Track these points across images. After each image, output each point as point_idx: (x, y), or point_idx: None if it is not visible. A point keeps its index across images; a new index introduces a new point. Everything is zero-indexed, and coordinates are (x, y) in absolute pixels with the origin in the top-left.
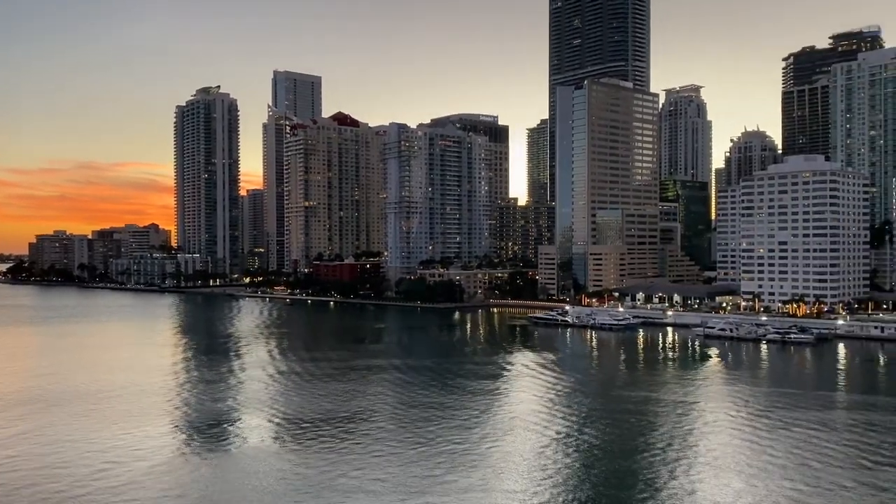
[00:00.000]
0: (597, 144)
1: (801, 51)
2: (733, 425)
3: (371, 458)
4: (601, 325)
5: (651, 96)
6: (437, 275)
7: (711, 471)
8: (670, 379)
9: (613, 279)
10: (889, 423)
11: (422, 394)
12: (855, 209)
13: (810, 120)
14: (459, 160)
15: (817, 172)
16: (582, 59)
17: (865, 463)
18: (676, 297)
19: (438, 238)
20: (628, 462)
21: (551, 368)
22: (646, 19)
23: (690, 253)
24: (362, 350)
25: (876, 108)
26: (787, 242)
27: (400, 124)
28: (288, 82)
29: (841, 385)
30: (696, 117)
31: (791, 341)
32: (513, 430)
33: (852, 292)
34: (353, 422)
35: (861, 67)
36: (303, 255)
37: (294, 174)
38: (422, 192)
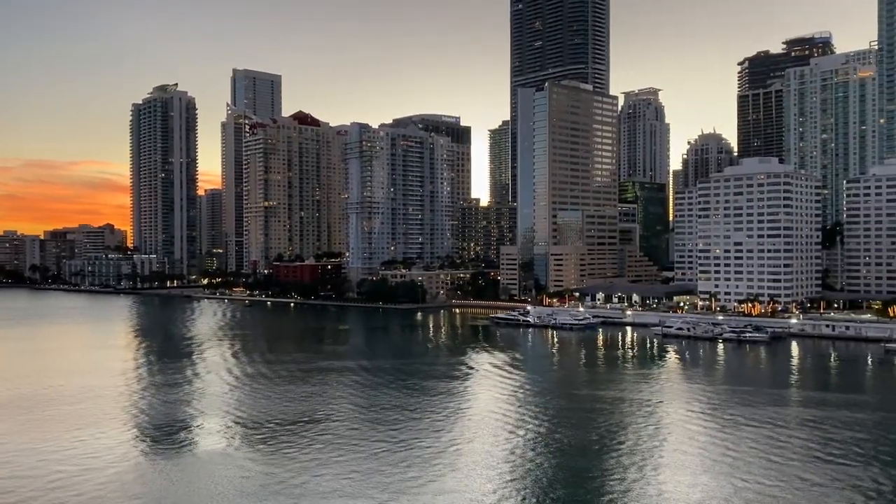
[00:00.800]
0: (557, 146)
1: (756, 55)
2: (693, 423)
3: (335, 461)
4: (562, 324)
5: (610, 99)
6: (399, 275)
7: (676, 469)
8: (630, 378)
9: (574, 279)
10: (840, 418)
11: (384, 395)
12: (807, 211)
13: (765, 123)
14: (421, 161)
15: (771, 175)
16: (543, 61)
17: (821, 457)
18: (635, 297)
19: (400, 238)
20: (594, 461)
21: (513, 368)
22: (605, 23)
23: (649, 253)
24: (324, 352)
25: (827, 112)
26: (742, 243)
27: (361, 124)
28: (247, 81)
29: (795, 382)
30: (654, 120)
31: (746, 340)
32: (476, 430)
33: (805, 292)
34: (316, 424)
35: (813, 72)
36: (262, 255)
37: (253, 174)
38: (383, 193)
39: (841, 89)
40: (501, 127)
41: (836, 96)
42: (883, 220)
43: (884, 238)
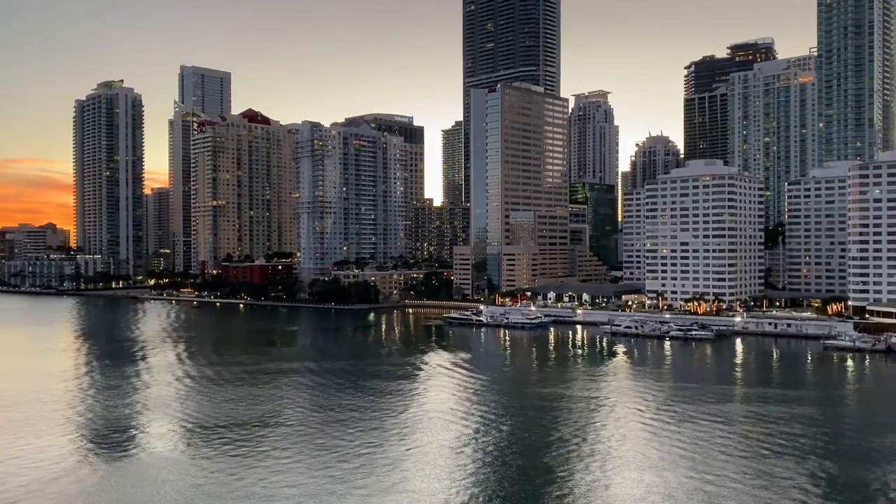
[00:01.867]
0: (510, 147)
1: (702, 60)
2: (641, 420)
3: (286, 463)
4: (514, 324)
5: (561, 101)
6: (351, 276)
7: (622, 465)
8: (580, 375)
9: (526, 279)
10: (782, 413)
11: (336, 396)
12: (751, 212)
13: (710, 126)
14: (374, 160)
15: (716, 176)
16: (495, 62)
17: (763, 452)
18: (585, 296)
19: (353, 238)
20: (544, 458)
21: (466, 367)
22: (556, 25)
23: (598, 253)
24: (274, 353)
25: (770, 116)
26: (688, 243)
27: (313, 123)
28: (195, 78)
29: (739, 379)
30: (603, 122)
31: (692, 338)
32: (430, 429)
33: (748, 291)
34: (266, 426)
35: (756, 77)
36: (211, 255)
37: (202, 172)
38: (336, 192)
39: (783, 94)
40: (454, 127)
41: (778, 101)
42: (822, 221)
43: (823, 238)
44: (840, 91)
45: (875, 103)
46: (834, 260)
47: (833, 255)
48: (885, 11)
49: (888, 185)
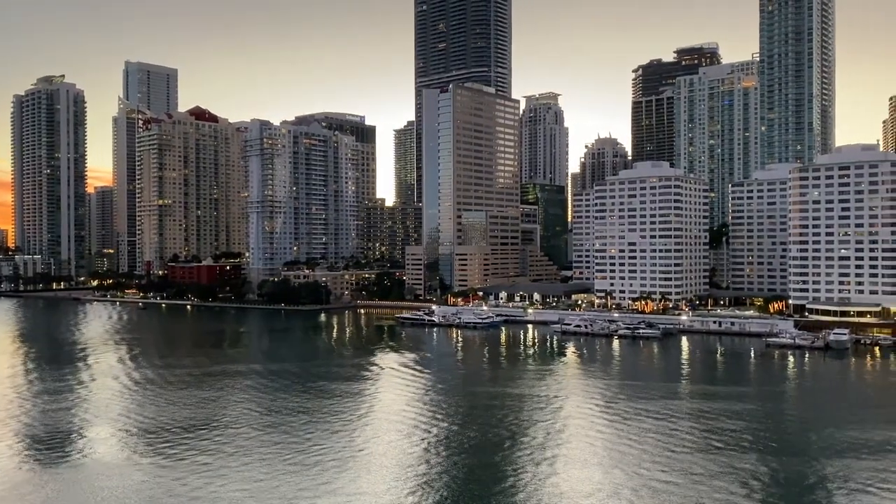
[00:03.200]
0: (462, 147)
1: (650, 63)
2: (589, 417)
3: (231, 466)
4: (466, 323)
5: (512, 102)
6: (302, 276)
7: (572, 462)
8: (531, 374)
9: (478, 279)
10: (726, 410)
11: (285, 398)
12: (696, 213)
13: (657, 128)
14: (325, 159)
15: (663, 178)
16: (447, 62)
17: (708, 447)
18: (536, 296)
19: (303, 238)
20: (494, 457)
21: (418, 367)
22: (507, 27)
23: (549, 253)
24: (222, 355)
25: (715, 119)
26: (636, 243)
27: (262, 121)
28: (141, 74)
29: (685, 376)
30: (553, 124)
31: (640, 336)
32: (380, 430)
33: (694, 290)
34: (212, 430)
35: (701, 81)
36: (157, 256)
37: (147, 171)
38: (286, 192)
39: (727, 98)
40: (406, 127)
41: (722, 104)
42: (764, 222)
43: (765, 239)
44: (781, 96)
45: (814, 108)
46: (775, 260)
47: (775, 254)
48: (823, 19)
49: (826, 187)
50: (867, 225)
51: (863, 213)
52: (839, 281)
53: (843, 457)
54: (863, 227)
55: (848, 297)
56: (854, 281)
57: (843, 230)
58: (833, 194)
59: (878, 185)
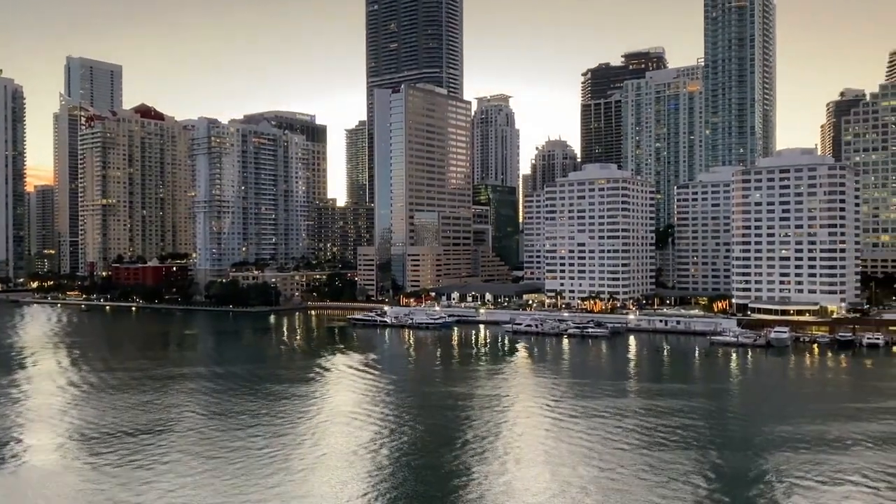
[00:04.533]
0: (414, 148)
1: (598, 67)
2: (541, 416)
3: (177, 473)
4: (418, 324)
5: (464, 103)
6: (251, 277)
7: (523, 461)
8: (483, 374)
9: (430, 279)
10: (672, 406)
11: (233, 401)
12: (643, 214)
13: (605, 131)
14: (275, 159)
15: (611, 180)
16: (398, 63)
17: (657, 444)
18: (488, 296)
19: (252, 239)
20: (447, 457)
21: (370, 368)
22: (458, 29)
23: (500, 254)
24: (167, 358)
25: (661, 123)
26: (585, 244)
27: (210, 119)
28: (83, 70)
29: (632, 374)
30: (505, 125)
31: (589, 335)
32: (331, 432)
33: (641, 289)
34: (157, 435)
35: (648, 85)
36: (100, 257)
37: (90, 169)
38: (234, 191)
39: (672, 102)
40: (358, 127)
41: (668, 108)
42: (708, 223)
43: (709, 239)
44: (725, 100)
45: (756, 112)
46: (719, 260)
47: (718, 255)
48: (764, 27)
49: (768, 189)
50: (806, 226)
51: (802, 214)
52: (780, 281)
53: (783, 450)
54: (802, 228)
55: (788, 297)
56: (794, 280)
57: (783, 231)
58: (774, 196)
59: (816, 187)
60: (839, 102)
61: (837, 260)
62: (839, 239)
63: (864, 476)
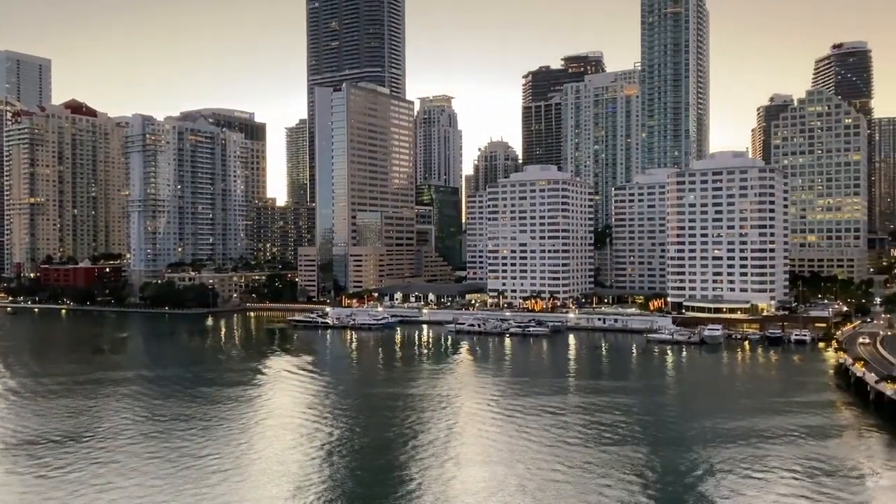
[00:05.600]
0: (356, 147)
1: (539, 70)
2: (485, 415)
3: (110, 481)
4: (361, 325)
5: (407, 103)
6: (187, 278)
7: (469, 461)
8: (425, 374)
9: (373, 280)
10: (610, 403)
11: (169, 406)
12: (582, 215)
13: (546, 133)
14: (212, 157)
15: (551, 181)
16: (340, 61)
17: (598, 440)
18: (431, 296)
19: (189, 239)
20: (391, 458)
21: (310, 370)
22: (401, 28)
23: (443, 254)
24: (99, 362)
25: (599, 126)
26: (526, 244)
27: (144, 116)
28: (10, 63)
29: (572, 372)
30: (447, 126)
31: (530, 334)
32: (272, 435)
33: (580, 289)
34: (88, 441)
35: (587, 88)
36: (28, 257)
37: (17, 167)
38: (170, 190)
39: (610, 105)
40: (299, 125)
41: (607, 111)
42: (644, 224)
43: (645, 240)
44: (660, 104)
45: (690, 116)
46: (655, 259)
47: (654, 255)
48: (698, 33)
49: (701, 191)
50: (738, 227)
51: (734, 215)
52: (713, 280)
53: (717, 444)
54: (734, 229)
55: (721, 295)
56: (726, 280)
57: (716, 232)
58: (707, 198)
59: (747, 189)
60: (769, 107)
61: (767, 259)
62: (769, 239)
63: (792, 468)
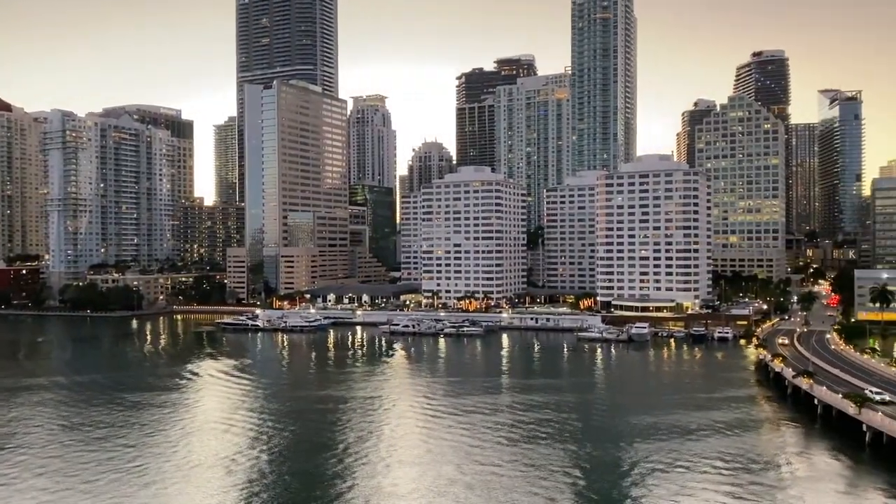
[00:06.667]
0: (287, 146)
1: (472, 72)
2: (418, 415)
3: (26, 493)
4: (292, 327)
5: (340, 102)
6: (111, 280)
7: (404, 462)
8: (359, 376)
9: (305, 281)
10: (543, 401)
11: (90, 413)
12: (515, 216)
13: (479, 135)
14: (137, 155)
15: (485, 182)
16: (271, 58)
17: (531, 438)
18: (365, 297)
19: (113, 240)
20: (324, 462)
21: (240, 374)
22: (333, 26)
23: (378, 254)
24: (16, 368)
25: (531, 128)
26: (460, 245)
27: (64, 111)
28: None
29: (506, 371)
30: (381, 126)
31: (465, 334)
32: (199, 441)
33: (513, 289)
34: (7, 451)
35: (519, 91)
36: None
37: None
38: (92, 189)
39: (542, 108)
40: (228, 123)
41: (538, 114)
42: (575, 225)
43: (576, 240)
44: (590, 108)
45: (619, 120)
46: (585, 260)
47: (584, 255)
48: (626, 39)
49: (629, 193)
50: (663, 228)
51: (660, 217)
52: (640, 279)
53: (646, 440)
54: (660, 230)
55: (647, 294)
56: (653, 279)
57: (643, 233)
58: (634, 200)
59: (672, 191)
60: (693, 112)
61: (691, 260)
62: (693, 240)
63: (714, 460)
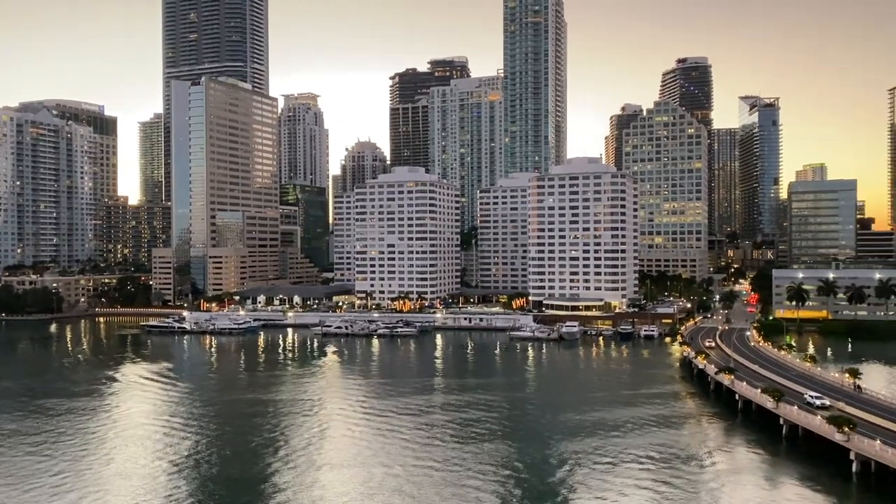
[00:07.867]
0: (216, 144)
1: (406, 72)
2: (352, 417)
3: None
4: (221, 329)
5: (270, 100)
6: (27, 282)
7: (336, 464)
8: (289, 379)
9: (234, 282)
10: (476, 400)
11: (7, 420)
12: (449, 216)
13: (413, 135)
14: (56, 151)
15: (419, 183)
16: (199, 54)
17: (464, 437)
18: (297, 299)
19: (30, 240)
20: (252, 466)
21: (166, 378)
22: (264, 23)
23: (310, 255)
24: None
25: (465, 129)
26: (394, 245)
27: None
28: None
29: (439, 371)
30: (313, 125)
31: (398, 334)
32: (122, 447)
33: (447, 289)
34: None
35: (453, 92)
36: None
37: None
38: (7, 186)
39: (475, 110)
40: (153, 120)
41: (472, 115)
42: (508, 226)
43: (508, 241)
44: (522, 110)
45: (550, 122)
46: (517, 260)
47: (517, 255)
48: (557, 43)
49: (559, 194)
50: (592, 229)
51: (589, 218)
52: (570, 279)
53: (575, 436)
54: (589, 230)
55: (577, 294)
56: (582, 279)
57: (573, 233)
58: (565, 201)
59: (601, 193)
60: (620, 116)
61: (619, 260)
62: (620, 241)
63: (641, 455)
